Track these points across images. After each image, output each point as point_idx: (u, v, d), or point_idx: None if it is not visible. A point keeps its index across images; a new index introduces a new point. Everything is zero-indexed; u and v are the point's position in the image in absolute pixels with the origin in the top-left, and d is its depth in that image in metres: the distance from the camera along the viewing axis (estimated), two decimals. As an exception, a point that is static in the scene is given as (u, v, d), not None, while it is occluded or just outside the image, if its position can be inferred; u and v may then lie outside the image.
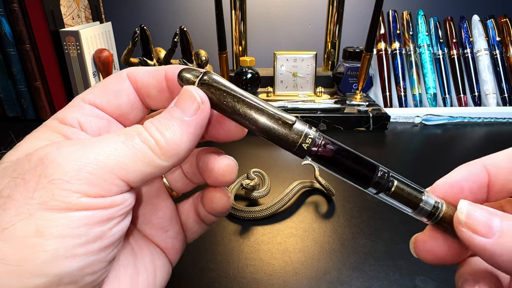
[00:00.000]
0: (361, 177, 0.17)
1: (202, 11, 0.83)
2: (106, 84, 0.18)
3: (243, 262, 0.30)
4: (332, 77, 0.71)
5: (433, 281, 0.28)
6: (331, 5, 0.69)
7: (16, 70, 0.57)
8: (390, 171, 0.17)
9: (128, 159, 0.14)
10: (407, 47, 0.70)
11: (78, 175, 0.13)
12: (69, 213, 0.13)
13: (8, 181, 0.13)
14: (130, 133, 0.15)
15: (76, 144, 0.14)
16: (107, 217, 0.14)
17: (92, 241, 0.13)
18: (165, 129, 0.15)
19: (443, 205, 0.17)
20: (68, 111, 0.17)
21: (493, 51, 0.69)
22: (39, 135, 0.16)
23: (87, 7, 0.67)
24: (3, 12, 0.54)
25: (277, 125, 0.16)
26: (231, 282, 0.28)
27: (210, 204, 0.19)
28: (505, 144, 0.55)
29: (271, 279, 0.29)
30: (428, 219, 0.17)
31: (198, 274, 0.29)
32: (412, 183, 0.18)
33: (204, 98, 0.16)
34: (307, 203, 0.39)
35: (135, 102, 0.18)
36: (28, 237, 0.12)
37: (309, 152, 0.17)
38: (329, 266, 0.30)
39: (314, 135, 0.17)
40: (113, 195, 0.14)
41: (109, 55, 0.61)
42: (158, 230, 0.19)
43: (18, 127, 0.60)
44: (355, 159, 0.17)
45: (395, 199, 0.17)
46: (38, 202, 0.13)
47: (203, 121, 0.16)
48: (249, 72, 0.65)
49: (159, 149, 0.15)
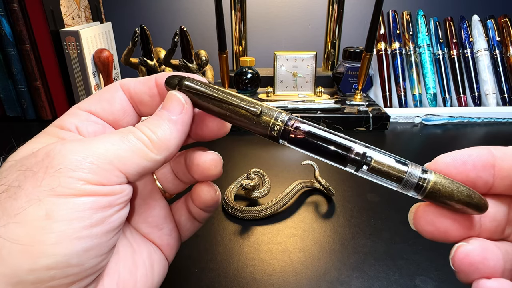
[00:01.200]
0: (337, 155, 0.17)
1: (202, 11, 0.83)
2: (100, 94, 0.20)
3: (243, 262, 0.31)
4: (332, 77, 0.71)
5: (433, 281, 0.28)
6: (331, 5, 0.69)
7: (16, 70, 0.57)
8: (368, 146, 0.17)
9: (125, 153, 0.16)
10: (407, 47, 0.70)
11: (82, 165, 0.14)
12: (74, 198, 0.14)
13: (17, 174, 0.15)
14: (124, 131, 0.17)
15: (78, 141, 0.16)
16: (108, 204, 0.15)
17: (95, 225, 0.15)
18: (156, 127, 0.17)
19: (431, 174, 0.16)
20: (66, 118, 0.19)
21: (493, 51, 0.69)
22: (39, 139, 0.18)
23: (87, 7, 0.67)
24: (3, 12, 0.54)
25: (248, 113, 0.18)
26: (231, 282, 0.28)
27: (199, 199, 0.21)
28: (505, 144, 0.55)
29: (271, 279, 0.29)
30: (417, 192, 0.16)
31: (198, 274, 0.29)
32: (394, 156, 0.17)
33: (187, 99, 0.18)
34: (307, 203, 0.39)
35: (127, 109, 0.20)
36: (39, 220, 0.13)
37: (282, 136, 0.17)
38: (329, 266, 0.30)
39: (284, 118, 0.18)
40: (113, 184, 0.15)
41: (109, 55, 0.61)
42: (153, 228, 0.21)
43: (18, 127, 0.60)
44: (329, 138, 0.17)
45: (377, 174, 0.17)
46: (46, 189, 0.14)
47: (188, 119, 0.18)
48: (249, 72, 0.65)
49: (152, 145, 0.16)
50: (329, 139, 0.17)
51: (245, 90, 0.66)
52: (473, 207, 0.15)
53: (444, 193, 0.15)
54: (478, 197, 0.15)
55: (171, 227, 0.22)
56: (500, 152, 0.16)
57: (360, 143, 0.17)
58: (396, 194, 0.19)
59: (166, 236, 0.21)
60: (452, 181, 0.16)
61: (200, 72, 0.64)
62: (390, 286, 0.28)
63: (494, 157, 0.16)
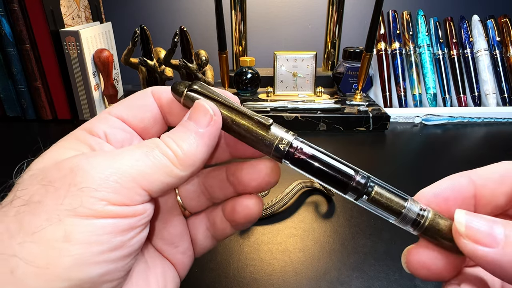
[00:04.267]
0: (338, 181, 0.17)
1: (202, 11, 0.83)
2: (132, 100, 0.19)
3: (243, 262, 0.31)
4: (332, 77, 0.71)
5: (433, 281, 0.28)
6: (331, 5, 0.69)
7: (16, 70, 0.57)
8: (370, 176, 0.17)
9: (149, 169, 0.15)
10: (407, 47, 0.70)
11: (105, 184, 0.14)
12: (95, 220, 0.13)
13: (38, 187, 0.14)
14: (149, 145, 0.16)
15: (102, 155, 0.15)
16: (129, 227, 0.14)
17: (114, 249, 0.14)
18: (182, 140, 0.16)
19: (429, 213, 0.16)
20: (95, 123, 0.18)
21: (493, 51, 0.69)
22: (66, 144, 0.17)
23: (87, 7, 0.67)
24: (3, 12, 0.54)
25: (255, 126, 0.17)
26: (231, 282, 0.28)
27: (243, 212, 0.20)
28: (505, 144, 0.55)
29: (271, 279, 0.29)
30: (414, 228, 0.16)
31: (198, 274, 0.29)
32: (395, 189, 0.17)
33: (216, 110, 0.17)
34: (307, 203, 0.39)
35: (157, 117, 0.19)
36: (57, 241, 0.13)
37: (285, 156, 0.17)
38: (329, 266, 0.30)
39: (290, 139, 0.17)
40: (136, 204, 0.15)
41: (109, 55, 0.61)
42: (168, 245, 0.20)
43: (18, 127, 0.60)
44: (332, 163, 0.17)
45: (376, 205, 0.17)
46: (67, 208, 0.13)
47: (216, 131, 0.17)
48: (249, 72, 0.65)
49: (177, 160, 0.16)
50: (333, 165, 0.17)
51: (245, 90, 0.66)
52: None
53: (439, 231, 0.16)
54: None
55: (187, 245, 0.21)
56: (480, 178, 0.16)
57: (362, 172, 0.17)
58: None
59: (181, 255, 0.20)
60: (449, 221, 0.16)
61: (200, 72, 0.64)
62: (390, 286, 0.28)
63: (475, 185, 0.16)
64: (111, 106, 0.19)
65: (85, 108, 0.61)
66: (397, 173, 0.46)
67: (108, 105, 0.66)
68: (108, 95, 0.64)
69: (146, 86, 0.65)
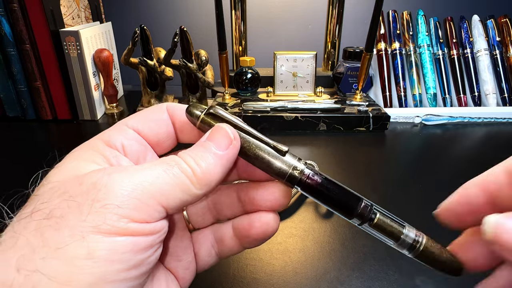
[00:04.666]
0: (346, 208, 0.18)
1: (202, 11, 0.83)
2: (147, 113, 0.19)
3: (243, 262, 0.31)
4: (332, 77, 0.71)
5: (433, 281, 0.28)
6: (331, 5, 0.69)
7: (16, 70, 0.57)
8: (373, 204, 0.19)
9: (168, 187, 0.15)
10: (407, 47, 0.70)
11: (128, 200, 0.14)
12: (117, 238, 0.14)
13: (59, 201, 0.14)
14: (169, 162, 0.16)
15: (124, 171, 0.15)
16: (148, 245, 0.15)
17: (133, 268, 0.14)
18: (201, 160, 0.16)
19: (424, 239, 0.18)
20: (113, 134, 0.18)
21: (493, 51, 0.69)
22: (82, 155, 0.17)
23: (87, 7, 0.67)
24: (3, 12, 0.54)
25: (271, 153, 0.18)
26: (231, 282, 0.28)
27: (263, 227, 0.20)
28: (505, 144, 0.55)
29: (271, 279, 0.29)
30: (410, 251, 0.18)
31: (198, 274, 0.29)
32: (394, 216, 0.19)
33: (236, 134, 0.18)
34: (307, 203, 0.39)
35: (171, 133, 0.20)
36: (79, 258, 0.13)
37: (298, 183, 0.18)
38: (329, 266, 0.30)
39: (303, 167, 0.18)
40: (155, 221, 0.15)
41: (109, 55, 0.61)
42: (172, 258, 0.20)
43: (18, 127, 0.60)
44: (340, 191, 0.19)
45: (377, 231, 0.18)
46: (91, 225, 0.13)
47: (234, 155, 0.18)
48: (249, 72, 0.65)
49: (195, 178, 0.16)
50: (340, 193, 0.18)
51: (245, 90, 0.66)
52: (451, 272, 0.18)
53: (431, 256, 0.18)
54: (457, 264, 0.18)
55: (190, 260, 0.21)
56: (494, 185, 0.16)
57: (366, 200, 0.19)
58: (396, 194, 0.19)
59: (183, 269, 0.21)
60: (441, 247, 0.18)
61: (200, 72, 0.64)
62: (390, 286, 0.28)
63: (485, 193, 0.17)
64: (127, 118, 0.19)
65: (85, 108, 0.61)
66: (397, 173, 0.46)
67: (108, 105, 0.66)
68: (108, 95, 0.64)
69: (146, 86, 0.65)
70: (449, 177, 0.44)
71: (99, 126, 0.61)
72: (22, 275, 0.12)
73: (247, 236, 0.20)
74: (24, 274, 0.12)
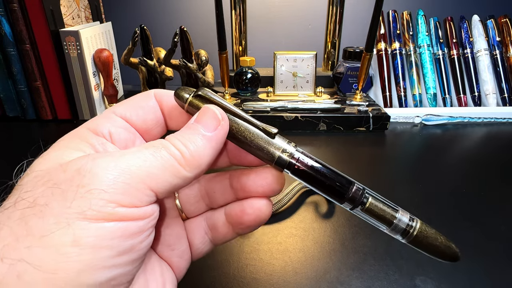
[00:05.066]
0: (336, 192, 0.18)
1: (202, 11, 0.83)
2: (135, 100, 0.19)
3: (243, 262, 0.31)
4: (332, 77, 0.71)
5: (433, 281, 0.28)
6: (331, 5, 0.69)
7: (16, 70, 0.57)
8: (365, 188, 0.18)
9: (157, 170, 0.15)
10: (407, 47, 0.70)
11: (114, 185, 0.14)
12: (105, 224, 0.13)
13: (43, 189, 0.14)
14: (157, 145, 0.16)
15: (109, 156, 0.15)
16: (138, 230, 0.14)
17: (123, 253, 0.14)
18: (189, 142, 0.16)
19: (417, 223, 0.17)
20: (100, 121, 0.18)
21: (493, 51, 0.69)
22: (68, 143, 0.16)
23: (87, 7, 0.67)
24: (3, 12, 0.54)
25: (259, 135, 0.18)
26: (231, 282, 0.28)
27: (256, 213, 0.19)
28: (505, 144, 0.55)
29: (271, 279, 0.29)
30: (403, 237, 0.18)
31: (198, 273, 0.29)
32: (386, 200, 0.18)
33: (224, 115, 0.17)
34: (307, 203, 0.39)
35: (159, 119, 0.19)
36: (65, 246, 0.13)
37: (287, 166, 0.18)
38: (329, 266, 0.30)
39: (292, 150, 0.18)
40: (145, 205, 0.15)
41: (109, 55, 0.61)
42: (165, 247, 0.20)
43: (18, 127, 0.60)
44: (331, 174, 0.18)
45: (370, 215, 0.18)
46: (76, 211, 0.13)
47: (223, 136, 0.17)
48: (249, 72, 0.65)
49: (184, 161, 0.16)
50: (331, 177, 0.18)
51: (245, 90, 0.66)
52: (446, 258, 0.18)
53: (425, 241, 0.17)
54: (453, 250, 0.18)
55: (183, 249, 0.21)
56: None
57: (358, 184, 0.18)
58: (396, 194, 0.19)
59: (177, 258, 0.20)
60: (435, 232, 0.18)
61: (200, 72, 0.64)
62: (390, 286, 0.28)
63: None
64: (115, 105, 0.19)
65: (85, 108, 0.61)
66: (397, 173, 0.46)
67: (108, 105, 0.66)
68: (108, 95, 0.64)
69: (146, 86, 0.65)
70: (449, 177, 0.44)
71: (99, 126, 0.61)
72: (7, 265, 0.12)
73: (240, 222, 0.20)
74: (8, 263, 0.12)
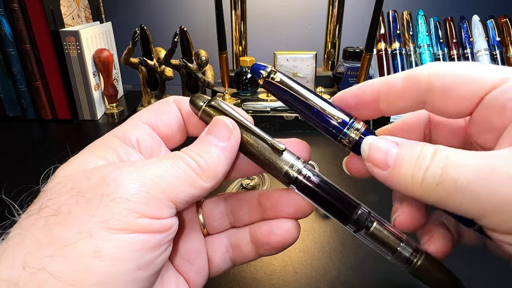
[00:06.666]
0: (340, 213, 0.18)
1: (202, 11, 0.83)
2: (157, 107, 0.19)
3: (243, 262, 0.30)
4: (332, 77, 0.71)
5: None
6: (331, 5, 0.69)
7: (16, 70, 0.57)
8: (371, 212, 0.18)
9: (176, 180, 0.15)
10: (407, 47, 0.70)
11: (138, 194, 0.14)
12: (126, 235, 0.13)
13: (68, 197, 0.14)
14: (175, 157, 0.16)
15: (132, 165, 0.15)
16: (157, 243, 0.14)
17: (142, 268, 0.14)
18: (204, 153, 0.16)
19: (423, 255, 0.17)
20: (128, 129, 0.18)
21: (493, 51, 0.69)
22: (93, 150, 0.17)
23: (87, 7, 0.67)
24: (3, 12, 0.54)
25: (268, 149, 0.18)
26: (231, 282, 0.28)
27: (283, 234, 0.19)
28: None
29: (271, 279, 0.29)
30: (407, 266, 0.17)
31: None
32: (393, 227, 0.18)
33: (235, 125, 0.18)
34: (307, 203, 0.39)
35: (182, 124, 0.20)
36: (86, 256, 0.13)
37: (294, 182, 0.18)
38: (329, 266, 0.30)
39: (300, 166, 0.18)
40: (165, 218, 0.15)
41: (109, 55, 0.61)
42: (183, 261, 0.20)
43: (18, 127, 0.60)
44: (337, 194, 0.18)
45: (373, 240, 0.18)
46: (99, 220, 0.13)
47: (236, 145, 0.17)
48: (249, 72, 0.65)
49: (201, 172, 0.16)
50: (337, 197, 0.18)
51: (245, 90, 0.66)
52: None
53: (429, 272, 0.17)
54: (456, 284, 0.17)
55: (202, 265, 0.20)
56: (385, 86, 0.17)
57: (364, 207, 0.18)
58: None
59: (194, 274, 0.20)
60: (439, 262, 0.17)
61: (200, 72, 0.64)
62: (390, 286, 0.28)
63: (378, 92, 0.18)
64: (139, 112, 0.19)
65: (85, 108, 0.61)
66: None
67: (108, 105, 0.66)
68: (108, 95, 0.64)
69: (146, 86, 0.65)
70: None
71: (99, 126, 0.61)
72: (28, 273, 0.12)
73: (266, 243, 0.19)
74: (30, 271, 0.12)
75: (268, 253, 0.20)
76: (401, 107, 0.17)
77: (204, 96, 0.19)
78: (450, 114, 0.16)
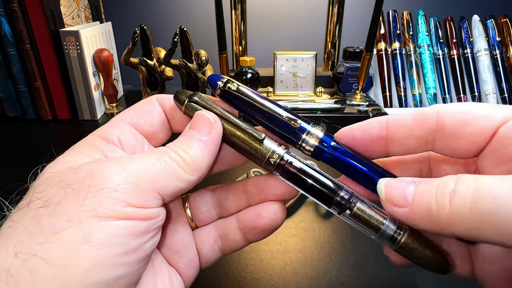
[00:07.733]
0: (323, 195, 0.18)
1: (202, 11, 0.83)
2: (139, 106, 0.20)
3: (243, 262, 0.30)
4: (332, 77, 0.71)
5: (433, 281, 0.28)
6: (331, 5, 0.69)
7: (16, 70, 0.57)
8: (354, 192, 0.18)
9: (162, 174, 0.16)
10: (407, 47, 0.70)
11: (124, 185, 0.14)
12: (114, 222, 0.14)
13: (56, 190, 0.14)
14: (159, 152, 0.17)
15: (117, 160, 0.16)
16: (145, 229, 0.15)
17: (131, 252, 0.14)
18: (188, 148, 0.17)
19: (406, 232, 0.17)
20: (110, 129, 0.19)
21: (493, 51, 0.69)
22: (79, 149, 0.17)
23: (87, 7, 0.67)
24: (3, 12, 0.54)
25: (249, 139, 0.18)
26: (231, 282, 0.28)
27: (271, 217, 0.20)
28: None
29: (271, 279, 0.29)
30: (391, 244, 0.18)
31: (198, 274, 0.29)
32: (376, 206, 0.18)
33: (216, 118, 0.18)
34: (307, 203, 0.39)
35: (165, 122, 0.20)
36: (76, 242, 0.13)
37: (276, 168, 0.18)
38: (329, 266, 0.30)
39: (281, 153, 0.18)
40: (151, 207, 0.15)
41: (109, 55, 0.61)
42: (173, 254, 0.20)
43: (18, 127, 0.60)
44: (319, 178, 0.18)
45: (357, 220, 0.18)
46: (87, 209, 0.14)
47: (218, 138, 0.18)
48: (249, 72, 0.65)
49: (185, 165, 0.17)
50: (319, 180, 0.18)
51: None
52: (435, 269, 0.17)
53: (411, 251, 0.17)
54: (442, 261, 0.17)
55: (192, 257, 0.21)
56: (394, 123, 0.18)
57: (346, 188, 0.18)
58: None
59: (184, 265, 0.20)
60: (425, 239, 0.17)
61: (200, 72, 0.64)
62: (390, 286, 0.28)
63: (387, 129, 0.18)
64: (122, 112, 0.20)
65: (85, 108, 0.61)
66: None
67: (108, 105, 0.66)
68: (108, 95, 0.64)
69: (146, 86, 0.65)
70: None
71: (99, 126, 0.61)
72: (20, 260, 0.13)
73: (254, 227, 0.20)
74: (22, 258, 0.13)
75: (256, 238, 0.21)
76: (409, 146, 0.17)
77: (188, 92, 0.19)
78: (460, 152, 0.16)
